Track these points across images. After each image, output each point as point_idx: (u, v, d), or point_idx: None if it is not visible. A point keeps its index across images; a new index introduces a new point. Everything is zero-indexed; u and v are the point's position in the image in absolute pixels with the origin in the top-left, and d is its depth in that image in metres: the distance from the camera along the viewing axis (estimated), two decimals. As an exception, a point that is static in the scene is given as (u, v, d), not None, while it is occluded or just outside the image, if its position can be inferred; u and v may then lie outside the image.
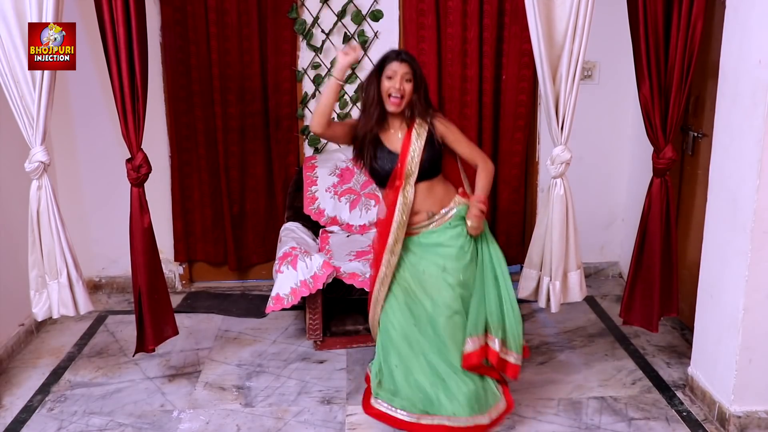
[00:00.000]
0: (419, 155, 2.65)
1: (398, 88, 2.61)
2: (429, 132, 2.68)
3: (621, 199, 4.35)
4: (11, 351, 3.47)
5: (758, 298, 2.69)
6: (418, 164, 2.66)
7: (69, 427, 2.93)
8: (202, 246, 4.28)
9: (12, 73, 2.77)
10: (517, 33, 3.95)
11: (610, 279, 4.46)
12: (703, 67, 3.31)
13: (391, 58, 2.64)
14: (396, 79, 2.61)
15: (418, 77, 2.65)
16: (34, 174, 2.89)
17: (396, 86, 2.61)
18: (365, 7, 3.97)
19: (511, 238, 4.30)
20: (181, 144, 4.09)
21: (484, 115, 4.10)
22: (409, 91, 2.63)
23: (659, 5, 2.83)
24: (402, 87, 2.61)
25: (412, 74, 2.63)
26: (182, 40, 3.95)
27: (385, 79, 2.62)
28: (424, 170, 2.68)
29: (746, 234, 2.65)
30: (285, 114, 4.09)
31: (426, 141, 2.67)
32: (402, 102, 2.63)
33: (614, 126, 4.23)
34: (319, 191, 3.91)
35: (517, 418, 2.94)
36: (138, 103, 2.87)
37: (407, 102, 2.65)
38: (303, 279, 3.28)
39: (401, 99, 2.63)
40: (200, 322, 3.89)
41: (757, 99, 2.57)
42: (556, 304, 3.08)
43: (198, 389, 3.20)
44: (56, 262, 2.98)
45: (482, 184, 2.72)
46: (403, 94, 2.62)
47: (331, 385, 3.21)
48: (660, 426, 2.90)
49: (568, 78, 2.86)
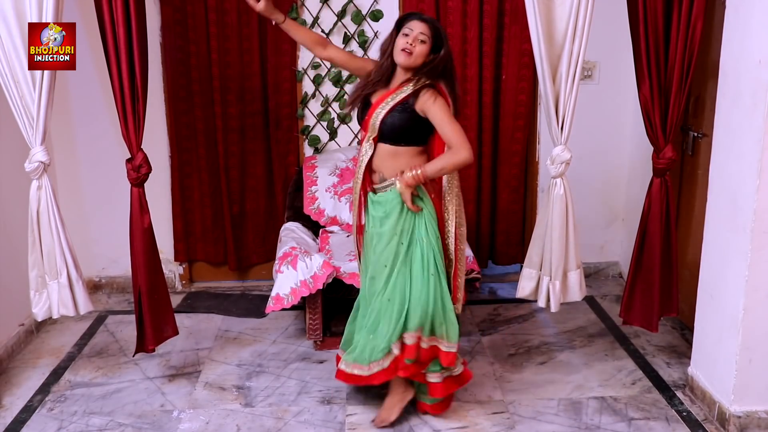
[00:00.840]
0: (385, 113, 2.64)
1: (410, 44, 2.57)
2: (407, 97, 2.62)
3: (621, 199, 4.35)
4: (11, 351, 3.47)
5: (758, 298, 2.69)
6: (379, 122, 2.65)
7: (69, 427, 2.93)
8: (202, 246, 4.28)
9: (12, 73, 2.77)
10: (517, 33, 3.95)
11: (610, 279, 4.46)
12: (703, 67, 3.31)
13: (413, 16, 2.63)
14: (411, 36, 2.57)
15: (435, 42, 2.59)
16: (34, 174, 2.89)
17: (409, 41, 2.57)
18: (365, 7, 3.97)
19: (510, 238, 4.30)
20: (181, 144, 4.09)
21: (484, 115, 4.10)
22: (420, 53, 2.58)
23: (659, 5, 2.83)
24: (414, 44, 2.57)
25: (430, 37, 2.58)
26: (182, 40, 3.95)
27: (401, 36, 2.60)
28: (384, 132, 2.66)
29: (746, 234, 2.65)
30: (285, 114, 4.09)
31: (400, 102, 2.62)
32: (411, 57, 2.58)
33: (614, 126, 4.23)
34: (319, 191, 3.91)
35: (517, 418, 2.95)
36: (138, 103, 2.87)
37: (416, 65, 2.60)
38: (303, 279, 3.29)
39: (411, 55, 2.57)
40: (200, 322, 3.89)
41: (757, 99, 2.57)
42: (555, 304, 3.08)
43: (198, 389, 3.20)
44: (56, 262, 2.98)
45: (436, 162, 2.61)
46: (413, 51, 2.58)
47: (331, 385, 3.21)
48: (660, 426, 2.90)
49: (568, 78, 2.86)
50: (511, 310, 3.97)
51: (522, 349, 3.55)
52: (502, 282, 4.37)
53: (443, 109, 2.60)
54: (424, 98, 2.60)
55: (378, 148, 2.71)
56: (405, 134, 2.66)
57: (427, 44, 2.58)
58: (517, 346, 3.57)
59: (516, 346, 3.57)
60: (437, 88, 2.63)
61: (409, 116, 2.63)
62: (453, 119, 2.61)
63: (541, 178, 4.19)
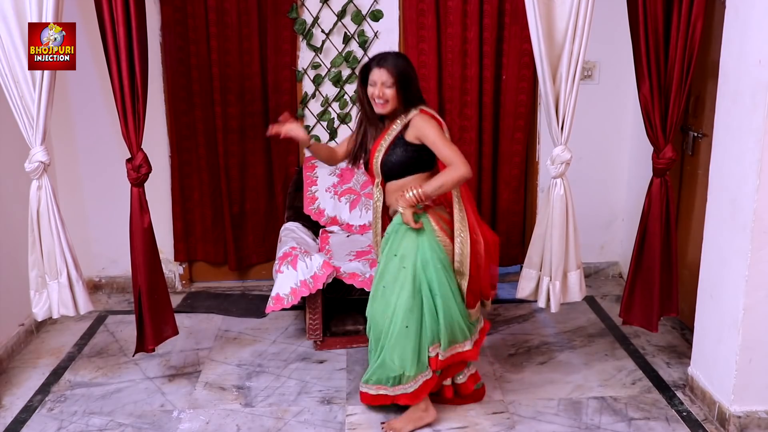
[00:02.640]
0: (382, 155, 2.73)
1: (379, 95, 2.67)
2: (399, 133, 2.71)
3: (621, 199, 4.35)
4: (11, 351, 3.47)
5: (758, 298, 2.69)
6: (379, 167, 2.75)
7: (69, 427, 2.93)
8: (202, 246, 4.28)
9: (12, 73, 2.77)
10: (517, 33, 3.95)
11: (610, 279, 4.46)
12: (703, 67, 3.31)
13: (370, 66, 2.72)
14: (377, 86, 2.67)
15: (399, 79, 2.67)
16: (34, 174, 2.89)
17: (377, 93, 2.67)
18: (365, 7, 3.97)
19: (511, 238, 4.30)
20: (181, 144, 4.09)
21: (484, 115, 4.10)
22: (391, 96, 2.67)
23: (659, 5, 2.83)
24: (382, 93, 2.67)
25: (393, 79, 2.66)
26: (182, 40, 3.95)
27: (370, 86, 2.70)
28: (387, 173, 2.76)
29: (746, 234, 2.65)
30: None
31: (394, 139, 2.71)
32: (387, 105, 2.69)
33: (614, 126, 4.23)
34: (319, 191, 3.91)
35: (517, 418, 2.95)
36: (138, 103, 2.87)
37: (394, 107, 2.70)
38: (303, 279, 3.29)
39: (386, 102, 2.68)
40: (200, 322, 3.89)
41: (757, 99, 2.57)
42: (555, 304, 3.08)
43: (198, 389, 3.20)
44: (56, 262, 2.98)
45: (434, 181, 2.65)
46: (386, 98, 2.68)
47: (331, 385, 3.21)
48: (660, 426, 2.90)
49: (568, 78, 2.86)
50: (511, 311, 3.97)
51: (522, 349, 3.55)
52: (503, 282, 4.36)
53: (435, 131, 2.67)
54: (414, 126, 2.69)
55: (387, 187, 2.80)
56: (408, 167, 2.74)
57: (393, 87, 2.66)
58: (517, 346, 3.57)
59: (516, 346, 3.57)
60: (423, 113, 2.72)
61: (406, 149, 2.71)
62: (446, 139, 2.69)
63: (541, 178, 4.19)
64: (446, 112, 4.04)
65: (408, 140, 2.70)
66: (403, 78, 2.68)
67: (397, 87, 2.66)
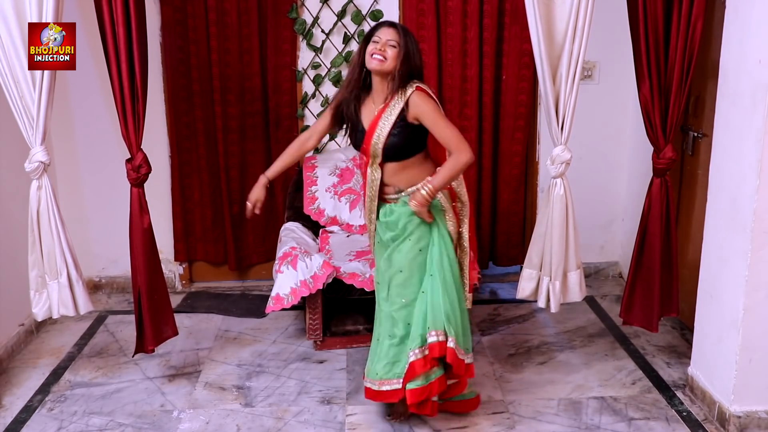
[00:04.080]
0: (384, 138, 2.60)
1: (380, 49, 2.53)
2: (402, 110, 2.59)
3: (621, 199, 4.35)
4: (11, 351, 3.47)
5: (758, 298, 2.68)
6: (381, 148, 2.63)
7: (69, 427, 2.93)
8: (202, 246, 4.28)
9: (12, 73, 2.77)
10: (517, 33, 3.95)
11: (610, 279, 4.46)
12: (703, 67, 3.31)
13: (381, 24, 2.61)
14: (380, 42, 2.54)
15: (406, 44, 2.55)
16: (34, 174, 2.89)
17: (378, 47, 2.53)
18: (365, 7, 3.97)
19: (511, 238, 4.30)
20: (181, 144, 4.09)
21: (484, 115, 4.10)
22: (392, 56, 2.54)
23: (659, 5, 2.83)
24: (384, 49, 2.53)
25: (400, 42, 2.54)
26: (182, 40, 3.95)
27: (372, 42, 2.57)
28: (389, 155, 2.65)
29: (746, 234, 2.65)
30: (285, 114, 4.09)
31: (396, 121, 2.59)
32: (384, 63, 2.53)
33: (614, 126, 4.23)
34: (319, 191, 3.91)
35: (517, 418, 2.95)
36: (138, 103, 2.87)
37: (391, 68, 2.55)
38: (303, 279, 3.29)
39: (383, 60, 2.53)
40: (200, 322, 3.89)
41: (757, 99, 2.57)
42: (555, 304, 3.08)
43: (198, 389, 3.20)
44: (56, 262, 2.98)
45: (442, 174, 2.58)
46: (385, 55, 2.53)
47: (331, 385, 3.21)
48: (660, 426, 2.90)
49: (568, 78, 2.86)
50: (511, 311, 3.97)
51: (522, 349, 3.55)
52: (503, 282, 4.37)
53: (435, 111, 2.58)
54: (413, 105, 2.58)
55: (385, 167, 2.70)
56: (409, 149, 2.66)
57: (397, 49, 2.54)
58: (517, 346, 3.57)
59: (516, 346, 3.57)
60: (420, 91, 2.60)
61: (408, 131, 2.62)
62: (446, 119, 2.61)
63: (541, 178, 4.19)
64: (446, 113, 4.00)
65: (409, 121, 2.60)
66: (410, 46, 2.56)
67: (399, 50, 2.53)
